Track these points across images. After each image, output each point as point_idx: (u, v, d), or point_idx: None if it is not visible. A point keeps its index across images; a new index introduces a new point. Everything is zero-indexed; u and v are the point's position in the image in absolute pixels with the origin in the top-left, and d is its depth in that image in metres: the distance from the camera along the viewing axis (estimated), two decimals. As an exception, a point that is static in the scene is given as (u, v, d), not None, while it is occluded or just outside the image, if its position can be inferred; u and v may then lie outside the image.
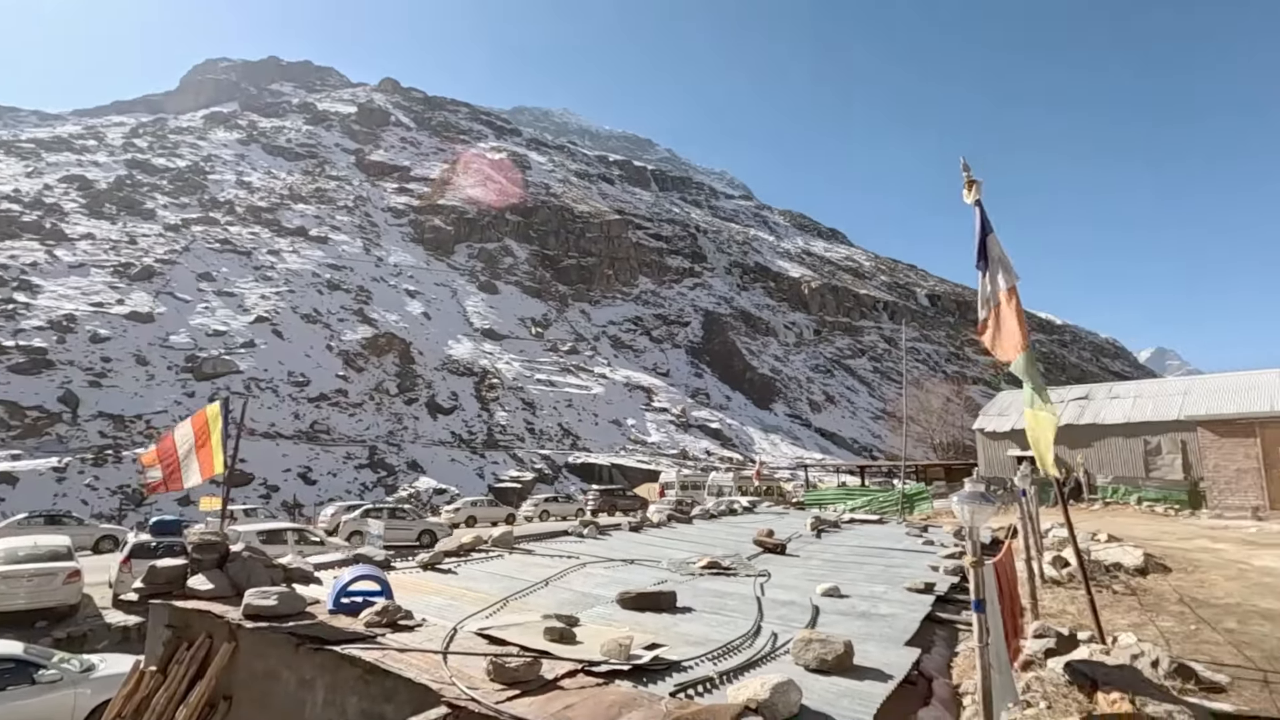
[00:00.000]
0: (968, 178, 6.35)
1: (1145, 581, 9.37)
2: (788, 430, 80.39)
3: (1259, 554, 12.44)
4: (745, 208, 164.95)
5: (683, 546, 10.03)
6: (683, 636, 4.99)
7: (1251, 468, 19.66)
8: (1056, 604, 7.73)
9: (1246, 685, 4.96)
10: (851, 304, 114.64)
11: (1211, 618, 7.20)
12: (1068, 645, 5.41)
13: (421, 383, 59.44)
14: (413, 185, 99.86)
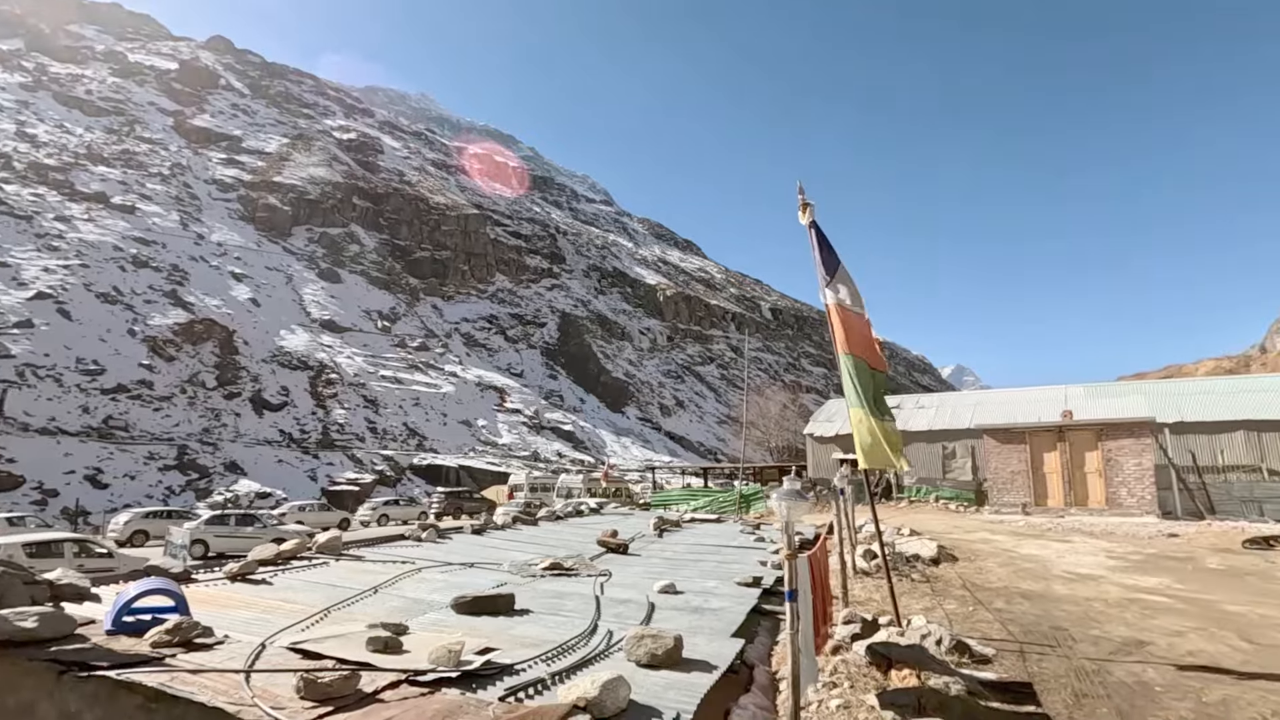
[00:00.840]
0: (802, 200, 6.87)
1: (937, 570, 10.62)
2: (639, 433, 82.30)
3: (1024, 543, 14.58)
4: (606, 212, 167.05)
5: (526, 549, 9.91)
6: (518, 639, 4.92)
7: (1023, 470, 23.00)
8: (865, 592, 8.55)
9: (1007, 656, 5.78)
10: (703, 313, 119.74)
11: (985, 599, 8.32)
12: (871, 629, 6.00)
13: (246, 375, 53.93)
14: (244, 158, 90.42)
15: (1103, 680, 5.13)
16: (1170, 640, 6.42)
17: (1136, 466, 21.18)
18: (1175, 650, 6.07)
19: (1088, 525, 18.64)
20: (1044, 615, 7.51)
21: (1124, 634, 6.67)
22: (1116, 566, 11.44)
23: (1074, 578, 10.17)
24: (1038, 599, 8.49)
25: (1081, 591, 9.02)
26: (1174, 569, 11.26)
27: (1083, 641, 6.35)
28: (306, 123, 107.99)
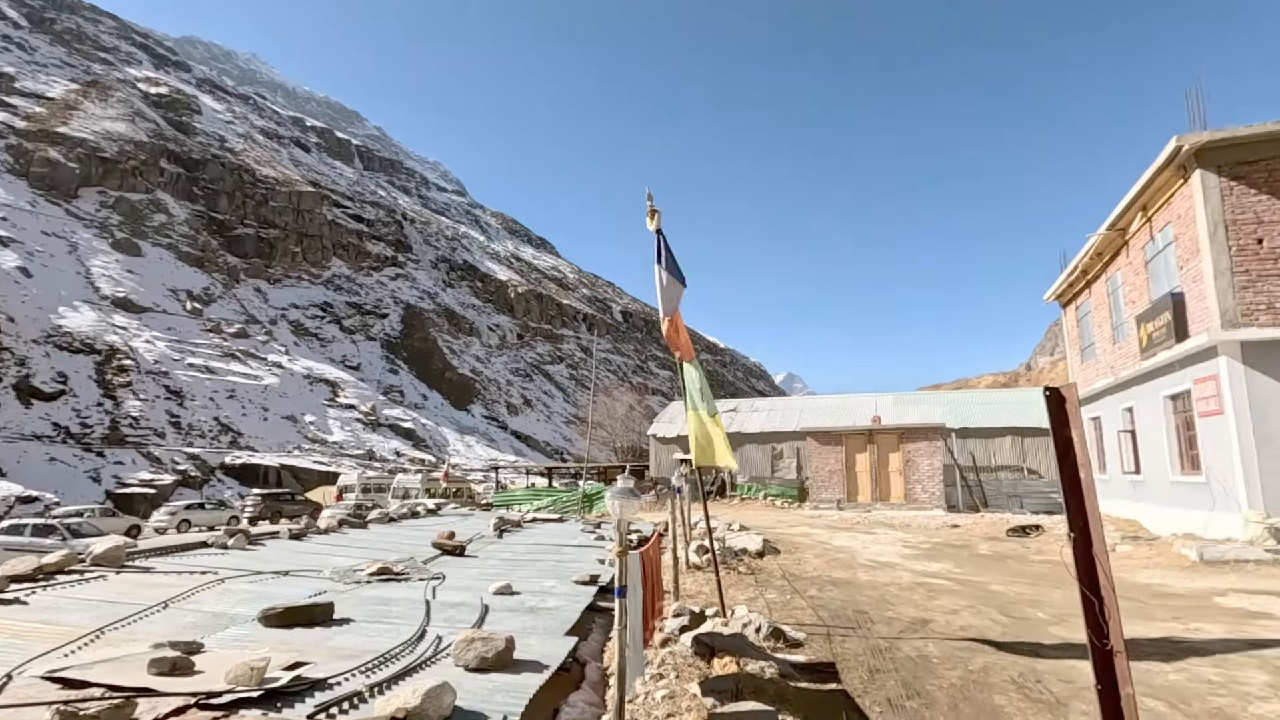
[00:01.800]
0: (650, 207, 7.07)
1: (762, 562, 11.39)
2: (484, 432, 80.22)
3: (837, 536, 16.04)
4: (458, 203, 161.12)
5: (352, 553, 9.29)
6: (336, 651, 4.59)
7: (839, 469, 25.33)
8: (696, 586, 8.96)
9: (817, 639, 6.32)
10: (554, 312, 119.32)
11: (801, 588, 9.05)
12: (698, 621, 6.29)
13: (10, 358, 45.60)
14: (18, 101, 76.46)
15: (893, 656, 5.77)
16: (948, 618, 7.37)
17: (929, 466, 24.08)
18: (951, 626, 6.98)
19: (889, 518, 20.91)
20: (849, 600, 8.32)
21: (912, 614, 7.55)
22: (910, 555, 12.95)
23: (875, 565, 11.37)
24: (845, 585, 9.38)
25: (881, 578, 10.10)
26: (954, 555, 12.95)
27: (879, 622, 7.10)
28: (104, 69, 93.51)
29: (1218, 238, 12.22)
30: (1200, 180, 12.47)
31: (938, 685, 4.98)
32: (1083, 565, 2.41)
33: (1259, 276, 11.95)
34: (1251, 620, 7.21)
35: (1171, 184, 13.60)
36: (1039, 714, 4.38)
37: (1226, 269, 12.10)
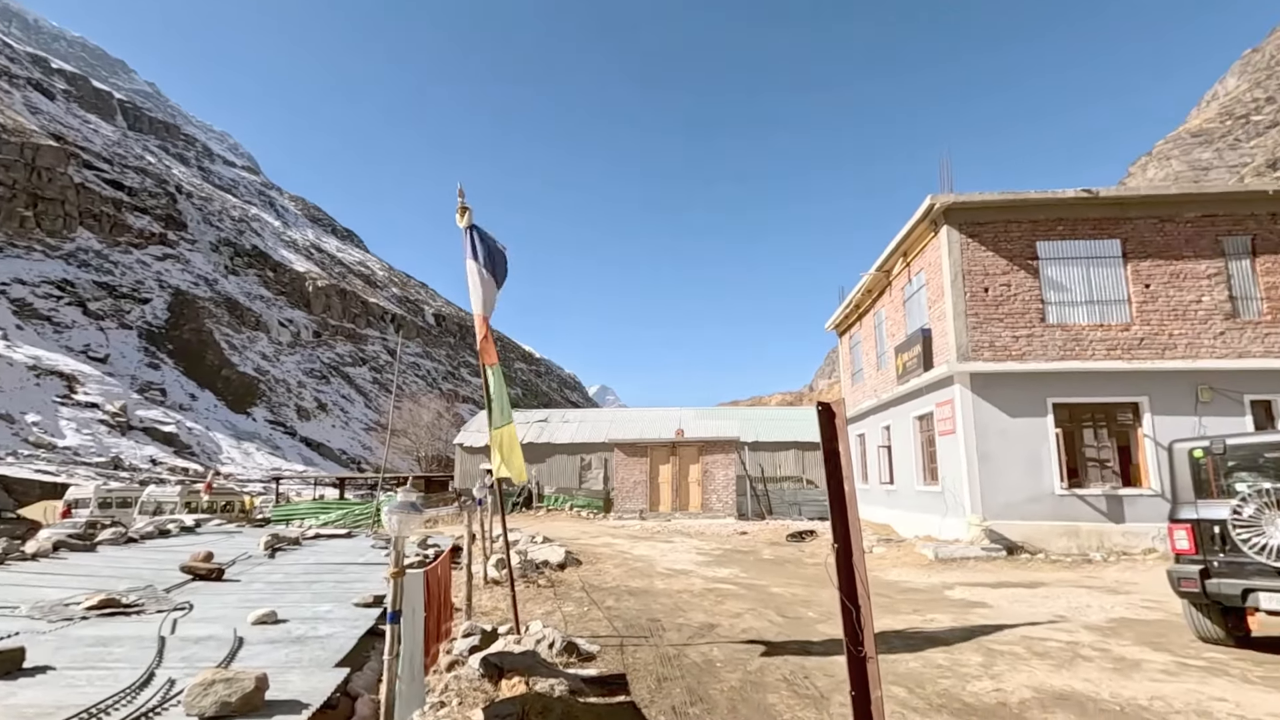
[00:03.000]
0: (461, 203, 6.73)
1: (563, 575, 11.30)
2: (267, 438, 71.90)
3: (638, 545, 16.47)
4: (249, 181, 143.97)
5: (68, 583, 7.65)
6: (18, 711, 3.66)
7: (643, 480, 26.19)
8: (492, 602, 8.61)
9: (610, 650, 6.32)
10: (359, 310, 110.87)
11: (599, 599, 9.09)
12: (490, 640, 6.00)
13: None
14: None
15: (680, 663, 5.94)
16: (732, 621, 7.79)
17: (725, 477, 25.74)
18: (735, 629, 7.38)
19: (687, 527, 21.98)
20: (644, 609, 8.49)
21: (702, 619, 7.88)
22: (703, 561, 13.65)
23: (671, 573, 11.80)
24: (641, 594, 9.59)
25: (675, 585, 10.49)
26: (741, 561, 13.89)
27: (670, 630, 7.31)
28: None
29: (957, 284, 14.50)
30: (946, 235, 14.74)
31: (719, 689, 5.19)
32: (844, 574, 2.58)
33: (985, 319, 14.36)
34: (971, 609, 8.50)
35: (926, 235, 15.92)
36: (805, 709, 4.72)
37: (962, 311, 14.38)
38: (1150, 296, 14.23)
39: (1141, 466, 13.75)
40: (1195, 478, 6.82)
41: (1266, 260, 14.19)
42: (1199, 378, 13.73)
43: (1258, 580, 6.04)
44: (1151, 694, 5.03)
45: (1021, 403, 13.95)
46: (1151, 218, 14.55)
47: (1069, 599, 9.09)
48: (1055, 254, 14.62)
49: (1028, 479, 13.68)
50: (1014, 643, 6.65)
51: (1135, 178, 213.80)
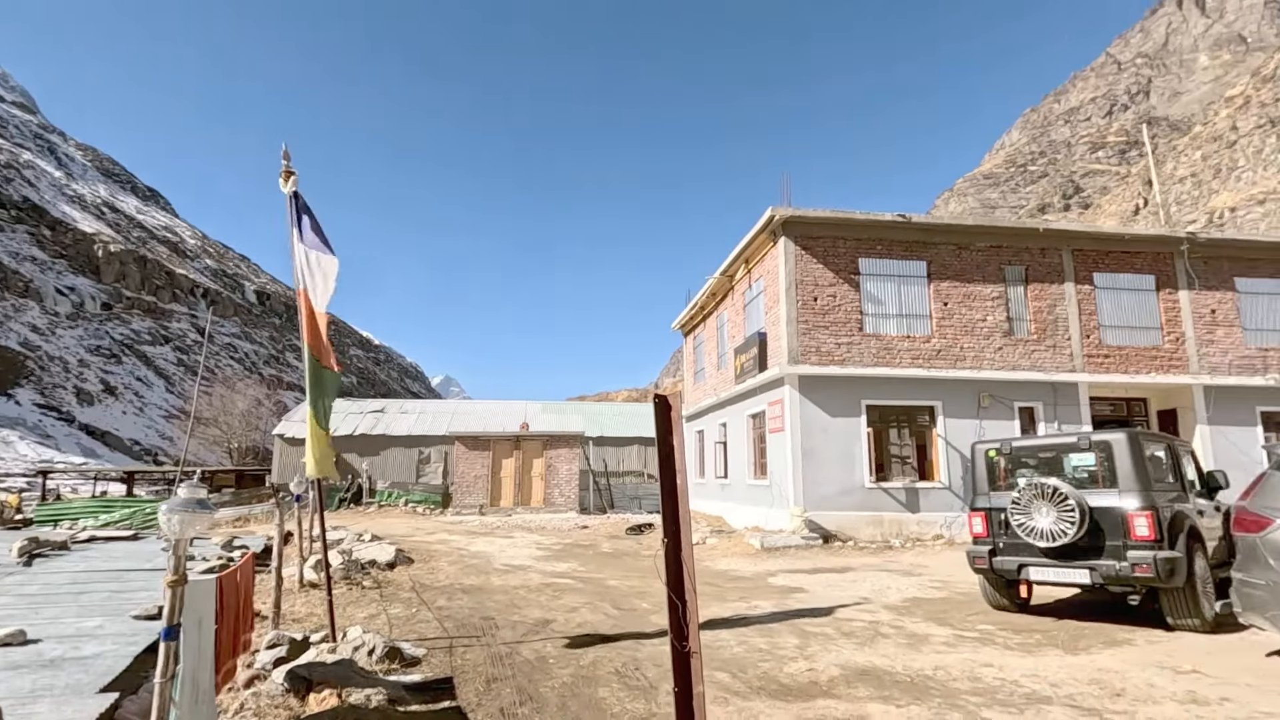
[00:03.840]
0: (285, 167, 6.05)
1: (392, 574, 10.64)
2: (35, 425, 61.15)
3: (476, 541, 15.97)
4: (23, 122, 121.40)
5: None
6: None
7: (485, 474, 25.49)
8: (308, 608, 7.88)
9: (438, 653, 6.01)
10: (163, 282, 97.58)
11: (430, 599, 8.65)
12: (300, 650, 5.45)
13: None
14: None
15: (512, 661, 5.77)
16: (568, 616, 7.74)
17: (568, 471, 25.73)
18: (570, 624, 7.33)
19: (528, 522, 21.70)
20: (478, 607, 8.20)
21: (538, 615, 7.75)
22: (542, 556, 13.51)
23: (509, 569, 11.54)
24: (476, 592, 9.26)
25: (512, 581, 10.26)
26: (580, 555, 13.92)
27: (504, 627, 7.11)
28: None
29: (790, 293, 15.56)
30: (784, 246, 15.76)
31: (551, 686, 5.10)
32: (672, 568, 2.59)
33: (813, 326, 15.54)
34: (790, 595, 9.12)
35: (766, 245, 16.92)
36: (635, 700, 4.76)
37: (794, 317, 15.46)
38: (947, 313, 16.18)
39: (935, 462, 15.60)
40: (990, 473, 8.11)
41: (1035, 288, 16.67)
42: (981, 386, 15.84)
43: (1028, 557, 7.29)
44: (935, 664, 5.66)
45: (840, 404, 15.27)
46: (951, 244, 16.54)
47: (873, 582, 10.07)
48: (874, 270, 16.16)
49: (843, 473, 15.00)
50: (826, 625, 7.22)
51: (939, 209, 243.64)
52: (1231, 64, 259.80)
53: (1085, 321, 16.64)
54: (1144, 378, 16.56)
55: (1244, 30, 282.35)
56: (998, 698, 4.82)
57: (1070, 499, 6.95)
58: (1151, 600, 7.06)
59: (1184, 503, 7.20)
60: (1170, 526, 6.77)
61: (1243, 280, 17.72)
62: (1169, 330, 17.05)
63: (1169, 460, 7.56)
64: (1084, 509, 6.92)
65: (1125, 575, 6.67)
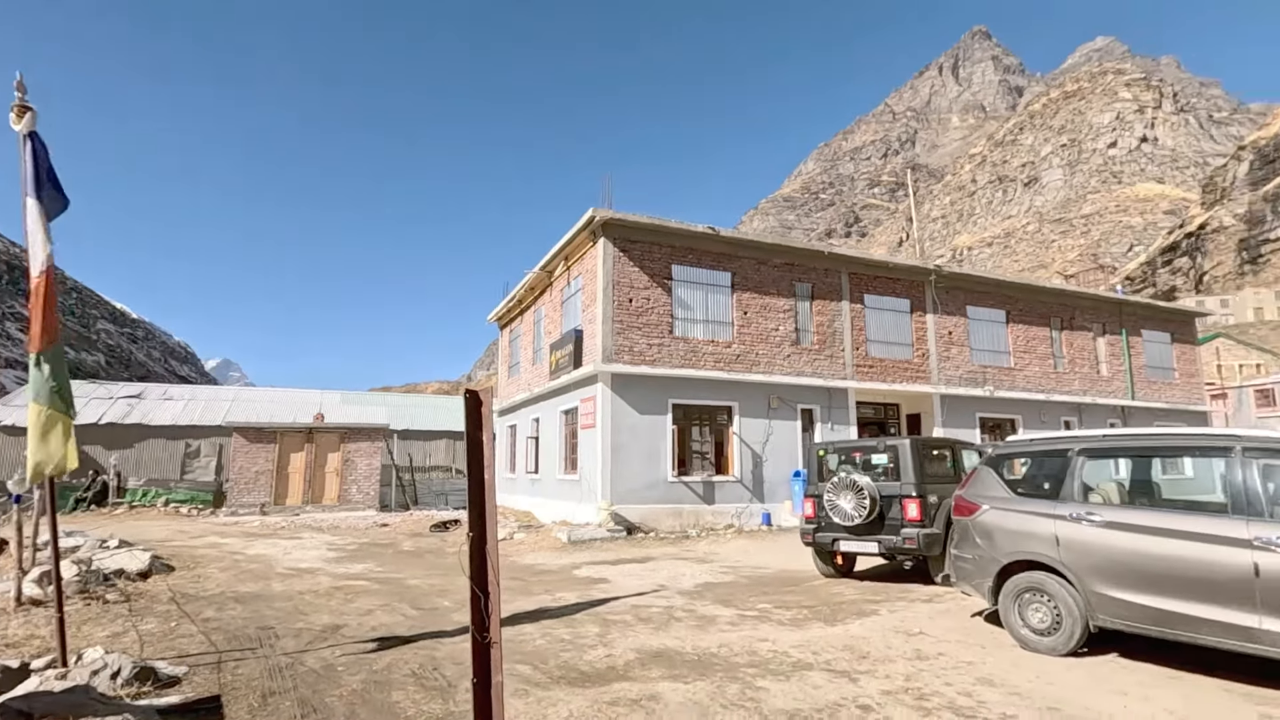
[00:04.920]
0: (20, 101, 5.01)
1: (146, 585, 9.24)
2: None
3: (255, 544, 14.41)
4: None
5: None
6: None
7: (269, 469, 23.02)
8: (28, 629, 6.60)
9: (202, 670, 5.36)
10: None
11: (195, 610, 7.66)
12: (17, 679, 4.57)
13: None
14: None
15: (294, 672, 5.32)
16: (362, 619, 7.29)
17: (368, 466, 24.12)
18: (364, 628, 6.91)
19: (319, 521, 19.99)
20: (255, 616, 7.43)
21: (326, 621, 7.21)
22: (333, 558, 12.55)
23: (294, 573, 10.57)
24: (253, 600, 8.37)
25: (297, 586, 9.41)
26: (379, 554, 13.15)
27: (286, 637, 6.52)
28: None
29: (608, 293, 15.99)
30: (603, 246, 16.15)
31: (339, 694, 4.79)
32: (477, 562, 2.59)
33: (627, 327, 16.11)
34: (594, 585, 9.41)
35: (586, 244, 17.22)
36: (431, 700, 4.64)
37: (610, 317, 15.91)
38: (747, 322, 17.65)
39: (730, 458, 16.95)
40: (820, 468, 10.07)
41: (819, 304, 18.77)
42: (771, 389, 17.50)
43: (839, 534, 9.33)
44: (720, 642, 6.20)
45: (649, 402, 16.00)
46: (753, 259, 18.06)
47: (670, 570, 10.71)
48: (685, 277, 17.16)
49: (648, 468, 15.75)
50: (625, 612, 7.56)
51: (745, 225, 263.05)
52: (975, 127, 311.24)
53: (856, 336, 19.09)
54: (898, 386, 19.38)
55: (984, 100, 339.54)
56: (770, 668, 5.40)
57: (865, 489, 8.91)
58: (924, 564, 9.04)
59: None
60: (935, 510, 8.74)
61: (972, 309, 21.45)
62: (918, 347, 20.13)
63: (950, 458, 9.77)
64: (875, 497, 8.90)
65: (899, 547, 8.74)
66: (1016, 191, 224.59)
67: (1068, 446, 6.05)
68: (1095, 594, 5.39)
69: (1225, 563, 4.72)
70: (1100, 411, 23.12)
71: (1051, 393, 22.18)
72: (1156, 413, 24.36)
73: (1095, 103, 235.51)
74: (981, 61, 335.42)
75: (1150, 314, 26.03)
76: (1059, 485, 5.92)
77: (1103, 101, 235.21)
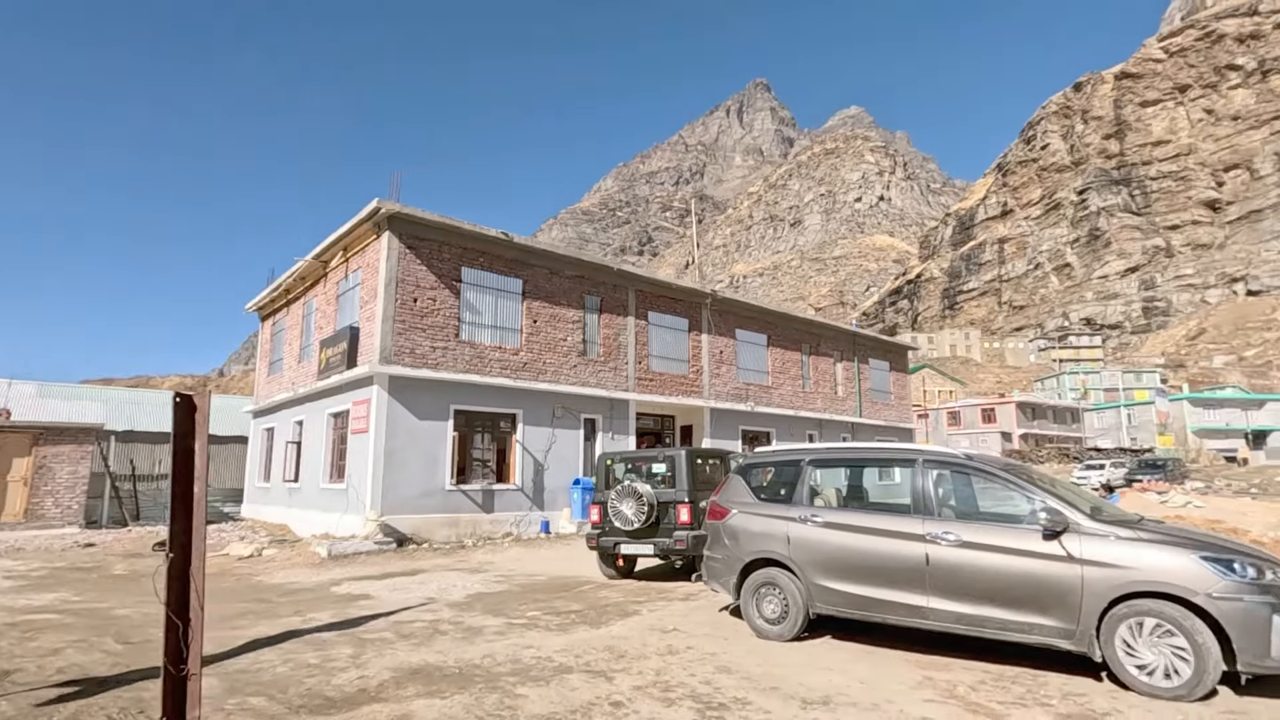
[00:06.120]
0: None
1: None
2: None
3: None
4: None
5: None
6: None
7: (-79, 479, 18.04)
8: None
9: None
10: None
11: None
12: None
13: None
14: None
15: (-66, 735, 4.24)
16: (45, 661, 6.03)
17: (72, 474, 20.02)
18: (45, 671, 5.72)
19: (-5, 543, 16.09)
20: (-123, 669, 5.77)
21: (-10, 667, 5.84)
22: (13, 588, 10.20)
23: (-52, 610, 8.39)
24: (-123, 648, 6.50)
25: (-50, 626, 7.49)
26: (77, 581, 10.96)
27: (-76, 691, 5.16)
28: None
29: (390, 290, 15.09)
30: (388, 240, 15.22)
31: (-1, 755, 3.92)
32: (176, 587, 2.31)
33: (410, 327, 15.33)
34: (354, 602, 8.75)
35: (368, 236, 16.09)
36: (132, 749, 3.98)
37: (391, 316, 15.02)
38: (536, 330, 17.74)
39: (512, 466, 16.84)
40: (607, 476, 10.63)
41: (607, 317, 19.49)
42: (557, 399, 17.76)
43: (620, 537, 9.95)
44: (485, 653, 6.13)
45: (430, 407, 15.35)
46: (545, 268, 18.24)
47: (440, 581, 10.34)
48: (475, 281, 16.78)
49: (425, 476, 15.07)
50: (385, 629, 7.15)
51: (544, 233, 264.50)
52: (754, 168, 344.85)
53: (639, 350, 20.13)
54: (675, 399, 20.77)
55: (763, 145, 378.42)
56: (531, 674, 5.47)
57: (644, 496, 9.62)
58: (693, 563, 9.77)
59: None
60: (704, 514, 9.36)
61: (741, 331, 23.75)
62: (693, 363, 21.78)
63: (722, 467, 10.64)
64: (653, 503, 9.64)
65: (672, 548, 9.53)
66: (785, 230, 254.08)
67: (800, 457, 6.97)
68: (815, 585, 6.27)
69: (906, 554, 5.78)
70: (836, 427, 26.87)
71: (800, 409, 25.29)
72: (877, 429, 28.93)
73: (847, 161, 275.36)
74: (762, 110, 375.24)
75: (876, 346, 30.91)
76: (792, 491, 6.79)
77: (853, 161, 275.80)
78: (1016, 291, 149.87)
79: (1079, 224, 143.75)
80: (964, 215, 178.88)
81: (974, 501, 6.08)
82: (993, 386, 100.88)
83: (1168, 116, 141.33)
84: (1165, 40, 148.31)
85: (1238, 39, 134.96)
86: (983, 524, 5.62)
